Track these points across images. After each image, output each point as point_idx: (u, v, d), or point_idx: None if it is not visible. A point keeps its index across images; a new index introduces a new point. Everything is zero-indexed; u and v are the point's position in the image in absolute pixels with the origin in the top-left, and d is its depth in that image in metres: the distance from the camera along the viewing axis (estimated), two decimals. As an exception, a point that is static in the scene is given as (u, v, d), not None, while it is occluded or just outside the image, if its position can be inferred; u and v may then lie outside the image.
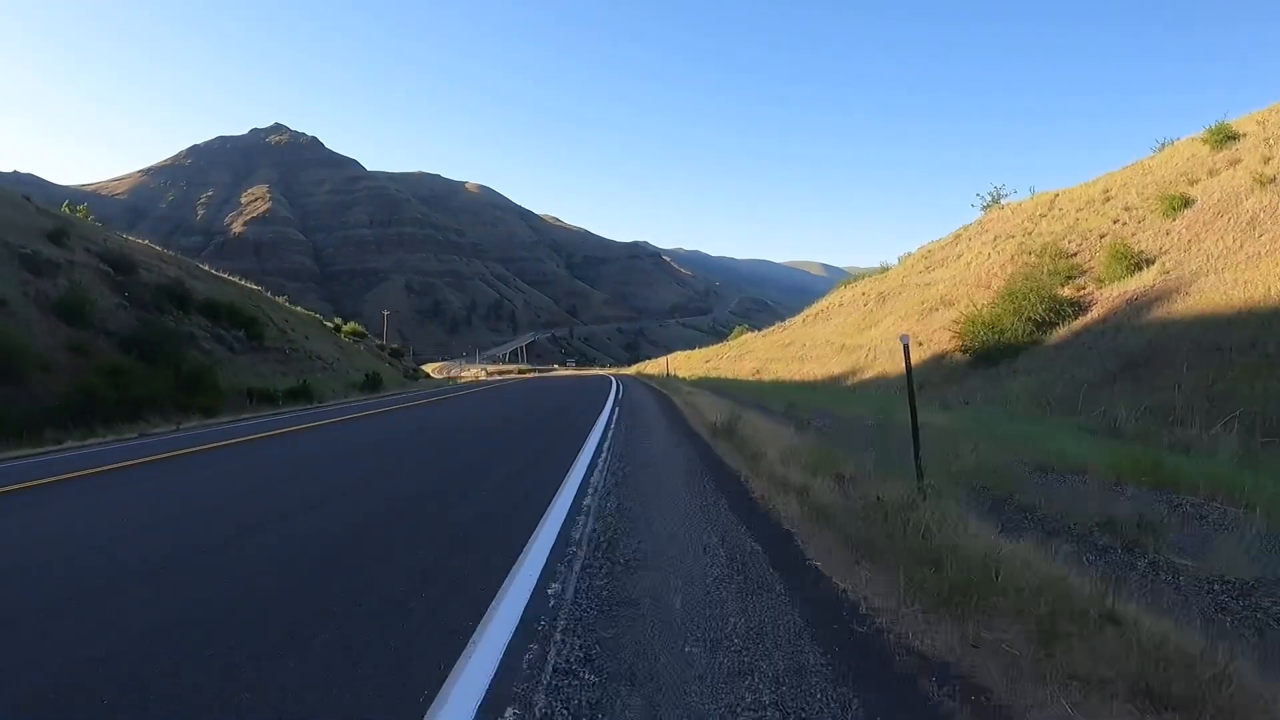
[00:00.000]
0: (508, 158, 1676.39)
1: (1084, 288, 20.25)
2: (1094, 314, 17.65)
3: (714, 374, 42.41)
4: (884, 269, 48.86)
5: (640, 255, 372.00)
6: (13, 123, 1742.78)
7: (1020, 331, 18.68)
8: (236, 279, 45.29)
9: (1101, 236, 23.74)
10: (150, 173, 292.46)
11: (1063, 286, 20.32)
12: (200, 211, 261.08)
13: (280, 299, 50.90)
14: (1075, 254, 23.34)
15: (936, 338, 22.74)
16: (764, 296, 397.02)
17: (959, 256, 36.95)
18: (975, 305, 21.03)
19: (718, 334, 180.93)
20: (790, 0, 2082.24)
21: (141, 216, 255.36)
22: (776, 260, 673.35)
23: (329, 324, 56.45)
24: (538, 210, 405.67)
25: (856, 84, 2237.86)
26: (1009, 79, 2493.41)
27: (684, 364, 57.94)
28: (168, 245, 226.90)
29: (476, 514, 5.82)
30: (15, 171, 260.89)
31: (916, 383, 20.09)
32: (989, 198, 43.14)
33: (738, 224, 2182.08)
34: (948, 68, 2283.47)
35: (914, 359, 22.55)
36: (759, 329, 62.63)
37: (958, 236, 41.48)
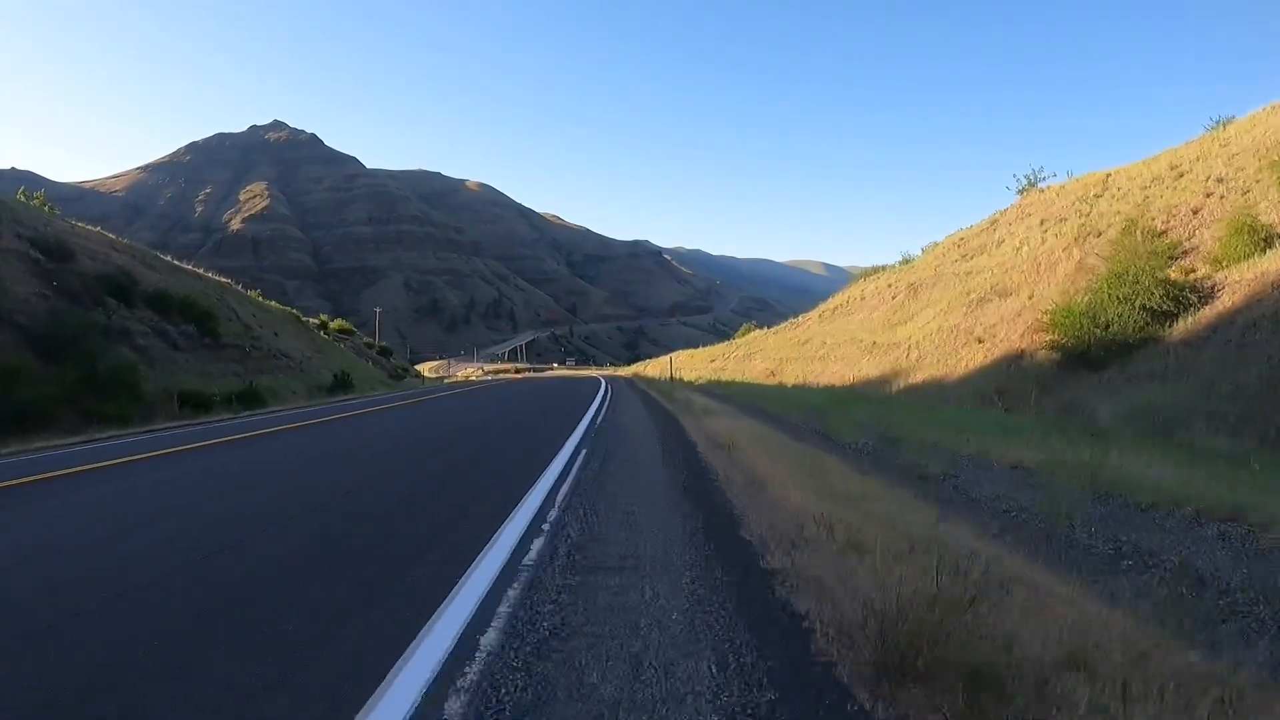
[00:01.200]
0: (508, 156, 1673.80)
1: (1193, 270, 16.29)
2: (1227, 301, 13.72)
3: (723, 376, 38.37)
4: (907, 260, 44.87)
5: (641, 254, 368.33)
6: (12, 121, 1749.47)
7: (1131, 324, 14.69)
8: (201, 271, 41.36)
9: (1195, 211, 19.75)
10: (149, 170, 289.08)
11: (1165, 269, 16.37)
12: (199, 209, 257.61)
13: (254, 293, 46.93)
14: (1164, 232, 19.39)
15: (1001, 333, 18.75)
16: (765, 296, 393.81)
17: (1000, 243, 33.08)
18: (1068, 293, 17.01)
19: (719, 333, 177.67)
20: (791, 2, 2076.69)
21: (140, 213, 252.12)
22: (777, 259, 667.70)
23: (307, 320, 52.51)
24: (538, 208, 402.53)
25: (857, 85, 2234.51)
26: (1010, 78, 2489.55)
27: (687, 364, 53.91)
28: (166, 242, 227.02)
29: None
30: (14, 169, 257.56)
31: (989, 389, 15.90)
32: (1025, 181, 39.58)
33: (739, 223, 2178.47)
34: (948, 69, 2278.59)
35: (978, 359, 18.45)
36: (766, 327, 58.40)
37: (994, 222, 37.59)
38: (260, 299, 46.17)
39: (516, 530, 5.24)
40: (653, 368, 61.07)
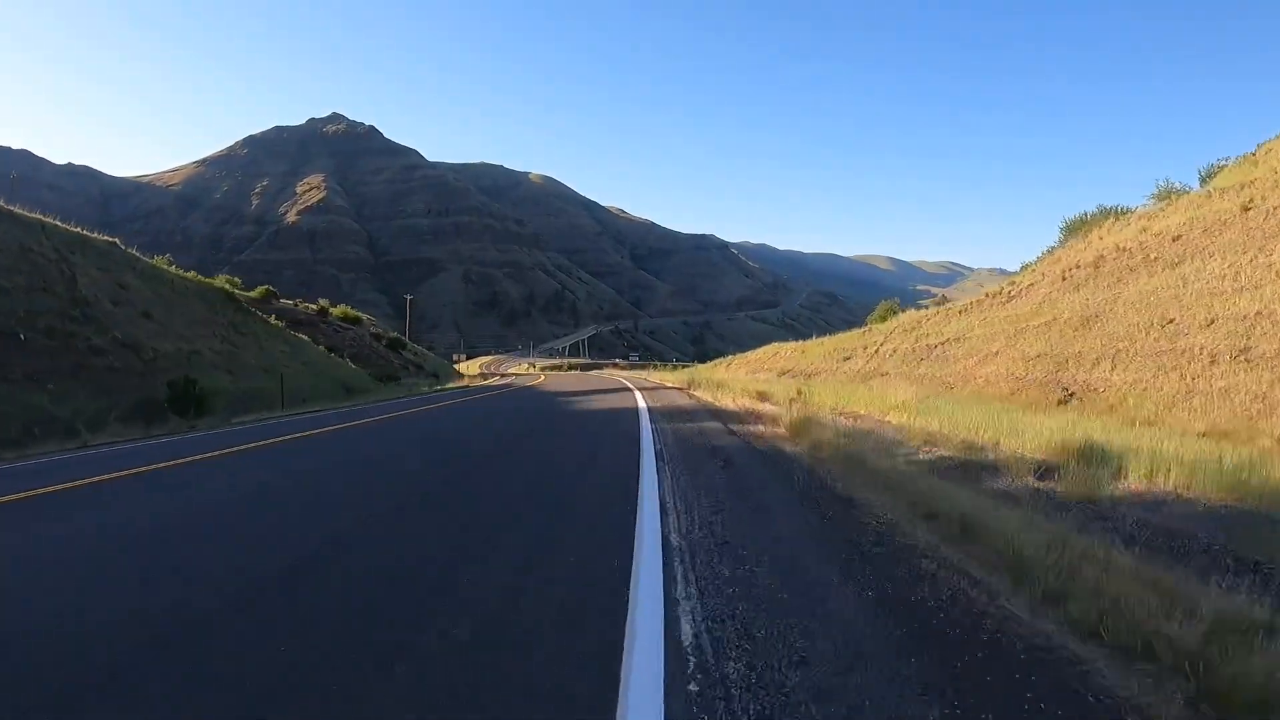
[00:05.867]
0: (573, 150, 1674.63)
1: None
2: None
3: (929, 409, 21.10)
4: (1168, 191, 26.86)
5: (706, 247, 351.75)
6: (72, 117, 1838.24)
7: None
8: (51, 219, 26.23)
9: None
10: (206, 164, 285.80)
11: None
12: (254, 201, 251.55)
13: (162, 259, 32.14)
14: None
15: None
16: (833, 290, 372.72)
17: None
18: None
19: (789, 328, 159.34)
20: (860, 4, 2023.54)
21: (194, 206, 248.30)
22: (843, 254, 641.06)
23: (243, 299, 37.36)
24: (603, 201, 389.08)
25: (923, 83, 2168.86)
26: (1074, 99, 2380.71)
27: (797, 362, 36.43)
28: (220, 234, 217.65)
29: None
30: (70, 163, 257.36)
31: None
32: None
33: (805, 217, 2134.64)
34: (989, 89, 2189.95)
35: None
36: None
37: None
38: (166, 266, 31.17)
39: None
40: (744, 368, 42.96)
